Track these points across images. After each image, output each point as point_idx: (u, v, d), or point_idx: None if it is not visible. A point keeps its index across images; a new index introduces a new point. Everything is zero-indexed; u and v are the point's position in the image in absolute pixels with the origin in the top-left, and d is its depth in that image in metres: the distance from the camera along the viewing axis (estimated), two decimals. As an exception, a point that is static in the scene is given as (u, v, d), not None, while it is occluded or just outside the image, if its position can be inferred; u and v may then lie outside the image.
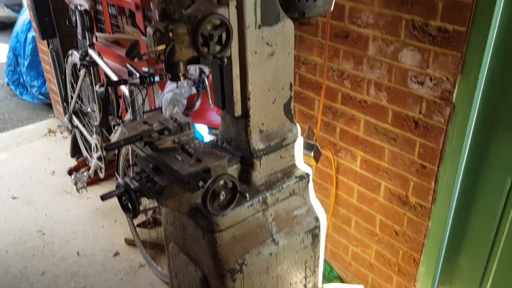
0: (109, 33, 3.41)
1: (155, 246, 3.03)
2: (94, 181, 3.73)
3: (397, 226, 2.26)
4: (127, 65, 2.39)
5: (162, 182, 1.34)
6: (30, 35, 5.05)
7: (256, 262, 1.52)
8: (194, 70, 2.38)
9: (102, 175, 3.52)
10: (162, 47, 1.22)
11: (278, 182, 1.58)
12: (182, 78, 1.34)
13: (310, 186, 1.68)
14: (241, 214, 1.48)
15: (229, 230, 1.47)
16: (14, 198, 3.65)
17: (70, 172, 3.88)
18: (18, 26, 5.27)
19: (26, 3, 4.89)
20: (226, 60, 1.35)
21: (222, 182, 1.31)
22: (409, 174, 2.11)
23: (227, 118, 1.58)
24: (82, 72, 3.25)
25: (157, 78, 2.19)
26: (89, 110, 3.59)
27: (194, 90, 2.51)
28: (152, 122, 1.55)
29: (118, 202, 1.37)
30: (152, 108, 2.85)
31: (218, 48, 1.30)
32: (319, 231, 1.70)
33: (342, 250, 2.67)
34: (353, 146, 2.33)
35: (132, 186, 1.34)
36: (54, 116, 5.02)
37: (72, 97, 3.66)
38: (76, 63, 3.31)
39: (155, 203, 2.88)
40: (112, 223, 3.34)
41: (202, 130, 2.69)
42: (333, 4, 1.47)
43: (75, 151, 3.97)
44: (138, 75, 2.20)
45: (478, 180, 1.94)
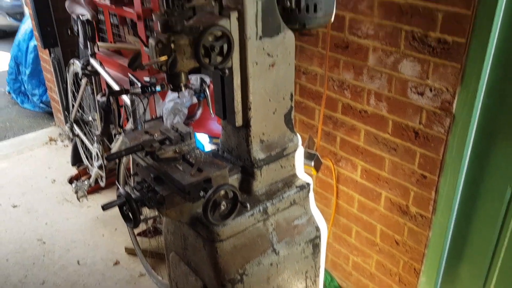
0: (110, 42, 3.44)
1: (156, 255, 3.02)
2: (95, 189, 3.73)
3: (397, 236, 2.26)
4: (129, 74, 2.40)
5: (163, 192, 1.35)
6: (31, 44, 5.08)
7: (256, 272, 1.52)
8: (195, 79, 2.39)
9: (102, 184, 3.52)
10: (164, 58, 1.23)
11: (278, 192, 1.59)
12: (183, 88, 1.35)
13: (311, 195, 1.68)
14: (241, 224, 1.48)
15: (229, 240, 1.47)
16: (14, 207, 3.65)
17: (70, 180, 3.89)
18: (20, 35, 5.30)
19: (28, 12, 4.92)
20: (227, 71, 1.36)
21: (223, 192, 1.32)
22: (409, 184, 2.11)
23: (228, 128, 1.58)
24: (84, 81, 3.26)
25: (158, 88, 2.20)
26: (90, 119, 3.60)
27: (195, 100, 2.52)
28: (153, 132, 1.56)
29: (119, 212, 1.38)
30: (153, 117, 2.86)
31: (219, 59, 1.31)
32: (320, 241, 1.70)
33: (342, 260, 2.67)
34: (353, 155, 2.34)
35: (133, 196, 1.34)
36: (55, 124, 5.03)
37: (73, 106, 3.67)
38: (77, 72, 3.33)
39: (156, 212, 2.88)
40: (112, 232, 3.34)
41: (203, 139, 2.70)
42: (333, 15, 1.48)
43: (76, 160, 3.98)
44: (139, 85, 2.21)
45: (478, 190, 1.94)
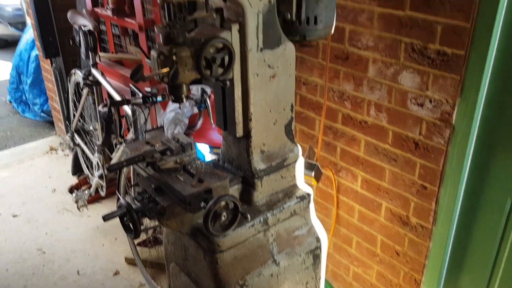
0: (112, 53, 3.46)
1: (156, 265, 3.01)
2: (95, 199, 3.73)
3: (398, 247, 2.26)
4: (130, 85, 2.42)
5: (164, 202, 1.35)
6: (33, 54, 5.11)
7: (257, 283, 1.51)
8: (196, 90, 2.41)
9: (103, 193, 3.52)
10: (165, 70, 1.24)
11: (279, 203, 1.59)
12: (185, 100, 1.36)
13: (311, 206, 1.68)
14: (242, 234, 1.48)
15: (230, 251, 1.47)
16: (14, 216, 3.65)
17: (71, 190, 3.88)
18: (22, 45, 5.33)
19: (30, 22, 4.96)
20: (228, 82, 1.37)
21: (223, 203, 1.32)
22: (409, 195, 2.11)
23: (229, 138, 1.59)
24: (85, 91, 3.27)
25: (159, 98, 2.21)
26: (91, 128, 3.61)
27: (196, 110, 2.53)
28: (154, 143, 1.57)
29: (120, 222, 1.38)
30: (154, 127, 2.87)
31: (220, 70, 1.32)
32: (320, 252, 1.70)
33: (343, 270, 2.66)
34: (353, 166, 2.34)
35: (134, 207, 1.35)
36: (55, 133, 5.04)
37: (74, 115, 3.68)
38: (79, 82, 3.34)
39: (156, 223, 2.87)
40: (112, 242, 3.33)
41: (204, 149, 2.70)
42: (333, 27, 1.50)
43: (77, 169, 3.98)
44: (140, 95, 2.23)
45: (478, 201, 1.95)
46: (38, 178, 4.17)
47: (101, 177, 3.38)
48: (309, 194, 1.65)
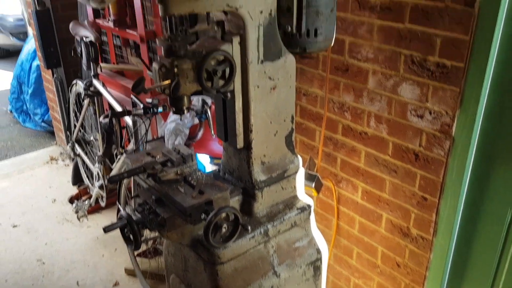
0: (113, 63, 3.48)
1: (155, 276, 3.00)
2: (95, 209, 3.72)
3: (398, 258, 2.26)
4: (131, 95, 2.43)
5: (164, 214, 1.35)
6: (34, 64, 5.13)
7: (257, 295, 1.51)
8: (197, 101, 2.42)
9: (103, 204, 3.52)
10: (167, 82, 1.25)
11: (279, 214, 1.59)
12: (186, 111, 1.37)
13: (312, 217, 1.68)
14: (242, 246, 1.48)
15: (230, 263, 1.47)
16: (14, 226, 3.64)
17: (71, 200, 3.88)
18: (23, 55, 5.36)
19: (31, 33, 4.98)
20: (229, 94, 1.38)
21: (224, 214, 1.32)
22: (410, 206, 2.11)
23: (229, 149, 1.60)
24: (86, 101, 3.29)
25: (160, 109, 2.23)
26: (91, 138, 3.62)
27: (196, 121, 2.54)
28: (155, 154, 1.57)
29: (120, 233, 1.38)
30: (154, 137, 2.87)
31: (221, 82, 1.33)
32: (321, 263, 1.69)
33: (344, 282, 2.65)
34: (354, 177, 2.35)
35: (134, 218, 1.35)
36: (56, 143, 5.04)
37: (75, 125, 3.69)
38: (80, 93, 3.36)
39: (156, 233, 2.87)
40: (112, 253, 3.32)
41: (204, 160, 2.71)
42: (333, 40, 1.51)
43: (77, 179, 3.98)
44: (141, 106, 2.24)
45: (479, 212, 1.95)
46: (38, 188, 4.17)
47: (101, 187, 3.38)
48: (309, 205, 1.65)
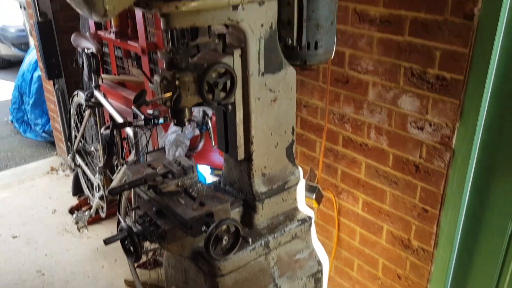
0: (114, 74, 3.49)
1: (155, 287, 2.99)
2: (95, 220, 3.71)
3: (399, 270, 2.25)
4: (132, 107, 2.44)
5: (165, 226, 1.35)
6: (36, 74, 5.14)
7: (258, 307, 1.51)
8: (198, 112, 2.42)
9: (103, 215, 3.51)
10: (168, 95, 1.26)
11: (280, 226, 1.59)
12: (187, 123, 1.38)
13: (312, 229, 1.68)
14: (243, 258, 1.48)
15: (231, 275, 1.46)
16: (14, 237, 3.63)
17: (71, 211, 3.87)
18: (25, 65, 5.37)
19: (33, 43, 5.01)
20: (230, 106, 1.38)
21: (225, 226, 1.32)
22: (411, 218, 2.11)
23: (230, 161, 1.60)
24: (87, 112, 3.29)
25: (161, 120, 2.23)
26: (92, 149, 3.62)
27: (197, 132, 2.54)
28: (156, 165, 1.57)
29: (120, 245, 1.38)
30: (155, 148, 2.88)
31: (222, 95, 1.33)
32: (322, 275, 1.69)
33: (344, 294, 2.64)
34: (354, 188, 2.35)
35: (135, 230, 1.35)
36: (56, 154, 5.04)
37: (76, 136, 3.70)
38: (81, 104, 3.37)
39: (156, 245, 2.86)
40: (112, 264, 3.31)
41: (205, 171, 2.71)
42: (333, 52, 1.52)
43: (77, 190, 3.98)
44: (142, 117, 2.24)
45: (480, 224, 1.94)
46: (38, 199, 4.16)
47: (101, 198, 3.38)
48: (310, 217, 1.65)
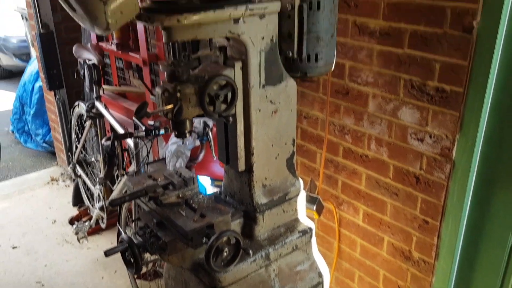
0: (116, 85, 3.51)
1: (155, 299, 2.98)
2: (95, 231, 3.71)
3: (400, 282, 2.24)
4: (133, 118, 2.45)
5: (165, 237, 1.35)
6: (37, 85, 5.17)
7: (258, 319, 1.50)
8: (198, 123, 2.43)
9: (103, 225, 3.51)
10: (170, 107, 1.27)
11: (281, 237, 1.59)
12: (188, 135, 1.38)
13: (313, 240, 1.68)
14: (244, 270, 1.48)
15: (231, 287, 1.46)
16: (14, 248, 3.62)
17: (71, 221, 3.87)
18: (26, 76, 5.40)
19: (34, 54, 5.04)
20: (231, 118, 1.39)
21: (225, 238, 1.32)
22: (411, 229, 2.11)
23: (231, 172, 1.60)
24: (88, 123, 3.30)
25: (162, 131, 2.24)
26: (93, 159, 3.62)
27: (197, 142, 2.55)
28: (156, 177, 1.57)
29: (120, 256, 1.38)
30: (155, 159, 2.88)
31: (223, 106, 1.34)
32: (322, 287, 1.68)
33: (345, 306, 2.63)
34: (355, 199, 2.35)
35: (135, 242, 1.35)
36: (57, 164, 5.05)
37: (76, 147, 3.70)
38: (82, 114, 3.38)
39: (157, 256, 2.85)
40: (112, 275, 3.30)
41: (205, 182, 2.71)
42: (333, 64, 1.53)
43: (77, 200, 3.98)
44: (143, 128, 2.25)
45: (480, 236, 1.94)
46: (38, 209, 4.15)
47: (102, 208, 3.37)
48: (311, 229, 1.65)
